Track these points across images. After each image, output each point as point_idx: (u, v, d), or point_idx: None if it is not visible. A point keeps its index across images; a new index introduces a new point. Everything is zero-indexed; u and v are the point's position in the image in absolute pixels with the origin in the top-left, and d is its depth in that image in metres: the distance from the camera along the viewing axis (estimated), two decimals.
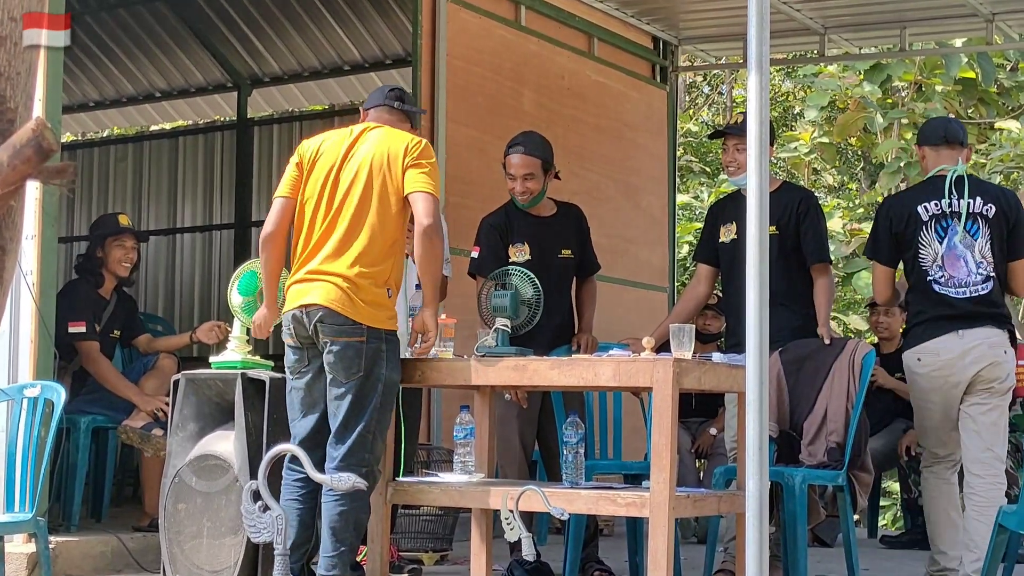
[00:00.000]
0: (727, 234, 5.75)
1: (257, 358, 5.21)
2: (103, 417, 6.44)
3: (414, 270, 5.55)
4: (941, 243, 5.31)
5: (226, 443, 4.90)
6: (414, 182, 4.44)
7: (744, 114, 5.62)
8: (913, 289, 5.42)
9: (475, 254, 5.82)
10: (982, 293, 5.30)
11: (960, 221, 5.29)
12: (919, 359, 5.36)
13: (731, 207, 5.76)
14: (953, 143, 5.45)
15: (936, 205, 5.33)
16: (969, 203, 5.29)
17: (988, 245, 5.29)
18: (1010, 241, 5.35)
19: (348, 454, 4.33)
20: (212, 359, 5.02)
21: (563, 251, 5.97)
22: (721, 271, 5.88)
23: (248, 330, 5.09)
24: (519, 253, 5.80)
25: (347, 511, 4.30)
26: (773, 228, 5.26)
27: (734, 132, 5.59)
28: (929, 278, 5.33)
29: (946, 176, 5.36)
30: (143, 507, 6.41)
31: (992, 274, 5.31)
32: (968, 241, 5.29)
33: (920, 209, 5.35)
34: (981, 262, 5.29)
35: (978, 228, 5.30)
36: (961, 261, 5.29)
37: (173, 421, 5.05)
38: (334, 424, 4.41)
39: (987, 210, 5.32)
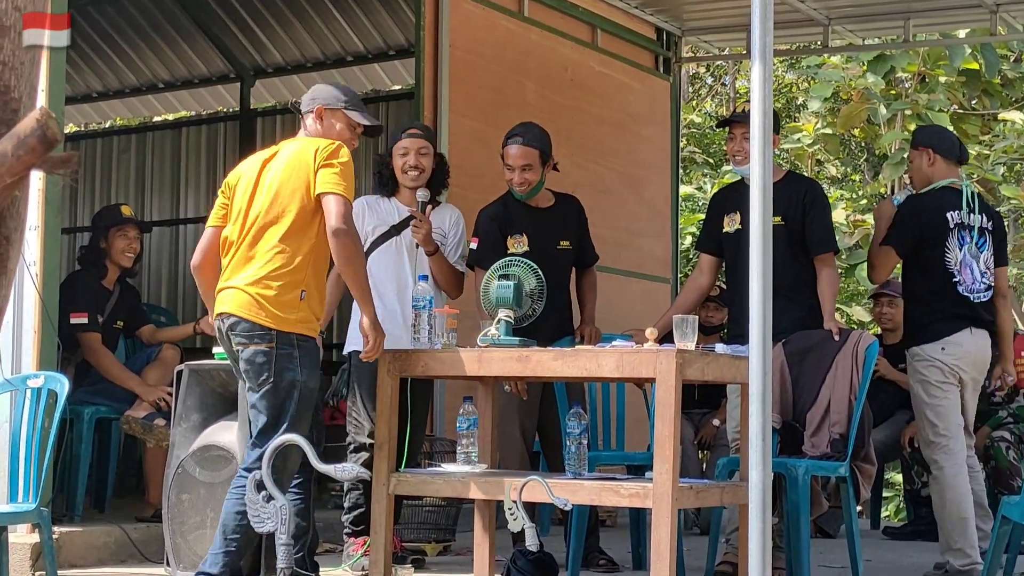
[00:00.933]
0: (731, 224, 5.75)
1: None
2: (106, 408, 6.45)
3: (424, 261, 5.57)
4: (959, 250, 5.74)
5: (229, 434, 4.91)
6: (323, 182, 4.36)
7: (749, 104, 5.62)
8: (933, 288, 5.75)
9: (474, 245, 5.82)
10: (984, 300, 5.77)
11: (971, 233, 5.75)
12: (943, 348, 5.72)
13: (735, 197, 5.75)
14: (962, 162, 6.02)
15: (958, 215, 5.75)
16: (980, 218, 5.78)
17: (991, 257, 5.80)
18: (998, 252, 5.88)
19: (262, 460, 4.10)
20: (215, 350, 5.03)
21: (561, 242, 5.98)
22: (725, 261, 5.88)
23: None
24: (517, 244, 5.80)
25: (245, 513, 4.11)
26: (778, 219, 5.25)
27: (741, 120, 5.60)
28: (954, 280, 5.70)
29: (961, 189, 5.82)
30: (146, 498, 6.42)
31: (992, 284, 5.80)
32: (975, 252, 5.77)
33: (948, 215, 5.75)
34: (985, 272, 5.78)
35: (985, 241, 5.79)
36: (968, 269, 5.73)
37: (176, 412, 5.06)
38: (252, 430, 4.35)
39: (989, 226, 5.82)
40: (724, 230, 5.78)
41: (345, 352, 5.70)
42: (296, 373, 4.26)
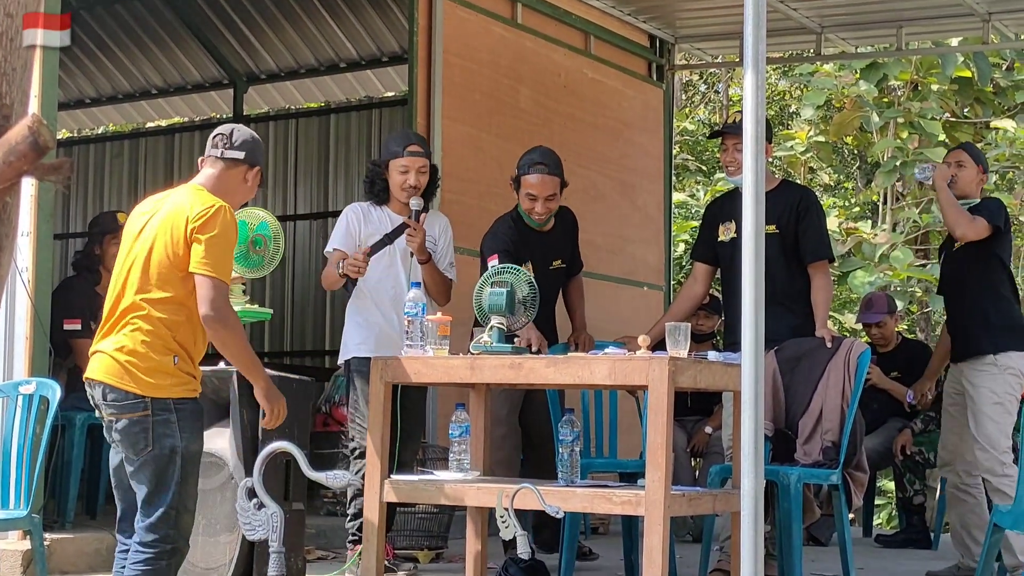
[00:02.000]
0: (726, 233, 5.75)
1: (256, 307, 5.20)
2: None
3: (416, 269, 5.57)
4: None
5: (221, 440, 4.90)
6: (193, 262, 4.02)
7: (741, 112, 5.63)
8: (1008, 294, 5.93)
9: (494, 263, 5.69)
10: None
11: None
12: None
13: (729, 206, 5.76)
14: None
15: None
16: None
17: None
18: None
19: (151, 529, 3.99)
20: None
21: (555, 263, 6.03)
22: (720, 270, 5.89)
23: (245, 281, 5.09)
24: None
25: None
26: (772, 227, 5.26)
27: (732, 131, 5.60)
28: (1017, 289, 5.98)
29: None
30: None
31: None
32: None
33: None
34: None
35: None
36: None
37: None
38: (138, 499, 4.06)
39: None
40: (719, 239, 5.79)
41: (341, 360, 5.69)
42: (176, 438, 3.96)
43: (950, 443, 6.02)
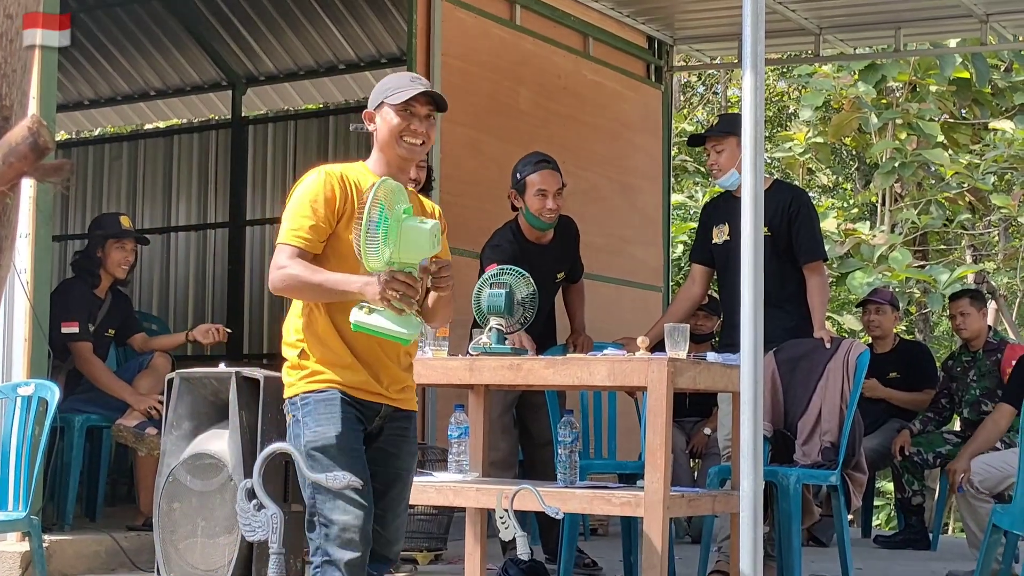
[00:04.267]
0: (719, 235, 5.77)
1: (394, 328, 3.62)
2: (97, 416, 6.44)
3: None
4: None
5: (220, 442, 4.90)
6: None
7: (721, 115, 5.68)
8: None
9: (492, 271, 5.70)
10: None
11: None
12: None
13: (723, 207, 5.78)
14: None
15: None
16: None
17: None
18: None
19: (307, 530, 3.73)
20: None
21: (558, 275, 6.05)
22: (717, 272, 5.90)
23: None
24: None
25: None
26: (765, 229, 5.26)
27: (709, 134, 5.66)
28: None
29: None
30: (137, 506, 6.40)
31: None
32: None
33: None
34: None
35: None
36: None
37: (167, 420, 5.05)
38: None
39: None
40: (713, 241, 5.80)
41: None
42: (301, 431, 3.59)
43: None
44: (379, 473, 3.59)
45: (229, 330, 6.69)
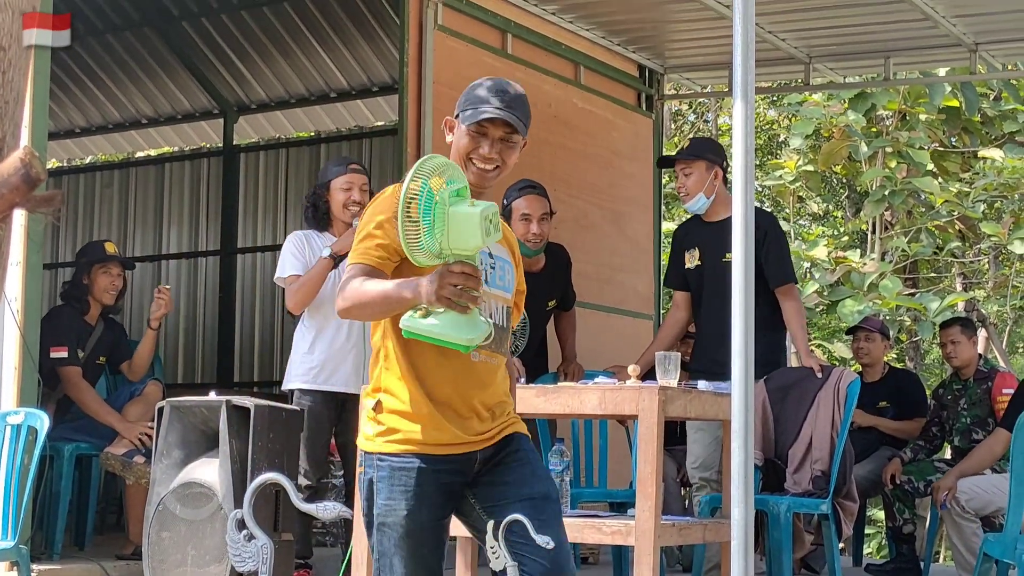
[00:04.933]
0: (691, 260, 5.81)
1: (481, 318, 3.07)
2: (87, 444, 6.42)
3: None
4: None
5: (211, 471, 4.89)
6: None
7: (692, 139, 5.67)
8: None
9: None
10: None
11: None
12: None
13: (693, 232, 5.84)
14: None
15: None
16: None
17: None
18: None
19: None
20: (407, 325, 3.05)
21: (549, 303, 6.05)
22: (691, 297, 5.92)
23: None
24: None
25: None
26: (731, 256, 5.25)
27: (678, 157, 5.70)
28: None
29: None
30: (127, 535, 6.37)
31: None
32: None
33: None
34: None
35: None
36: None
37: (157, 448, 5.04)
38: None
39: None
40: (686, 266, 5.83)
41: (286, 388, 5.70)
42: (374, 501, 3.18)
43: None
44: (509, 504, 3.14)
45: (168, 286, 6.63)
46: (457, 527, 4.59)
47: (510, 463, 3.20)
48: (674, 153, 5.85)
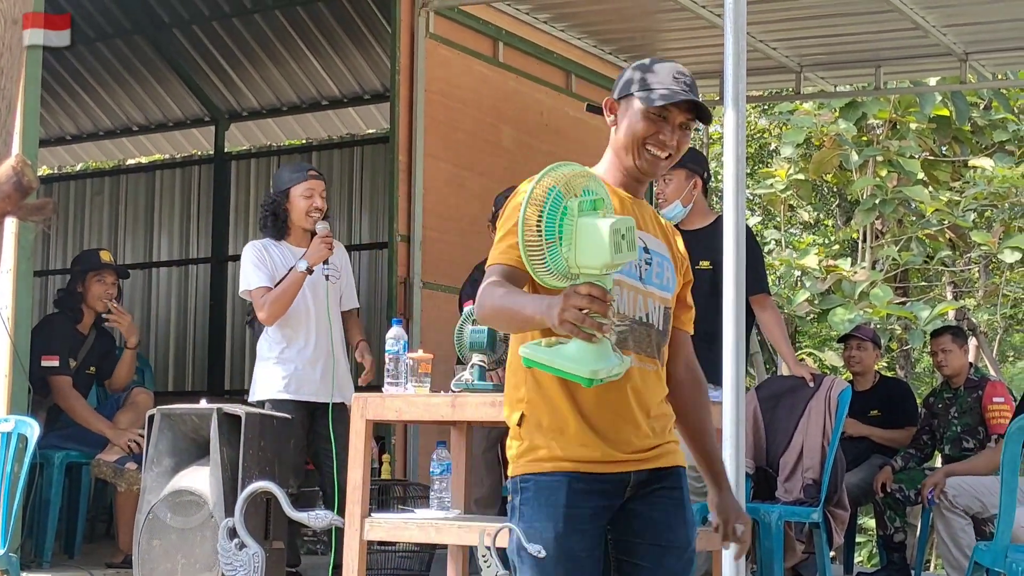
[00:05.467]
0: None
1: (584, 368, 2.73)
2: (77, 452, 6.40)
3: (334, 298, 5.63)
4: None
5: (201, 479, 4.88)
6: None
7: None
8: None
9: (469, 308, 5.71)
10: None
11: None
12: None
13: None
14: None
15: None
16: None
17: None
18: None
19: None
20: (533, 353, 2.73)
21: None
22: None
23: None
24: None
25: None
26: (707, 263, 5.25)
27: None
28: None
29: None
30: (117, 543, 6.36)
31: None
32: None
33: None
34: None
35: None
36: None
37: (148, 456, 5.03)
38: None
39: None
40: None
41: (255, 399, 5.69)
42: (519, 524, 2.85)
43: None
44: (639, 547, 2.87)
45: (116, 304, 6.61)
46: (448, 536, 4.59)
47: (663, 502, 2.89)
48: None
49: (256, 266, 5.61)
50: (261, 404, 5.59)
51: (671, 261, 3.00)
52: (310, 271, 5.54)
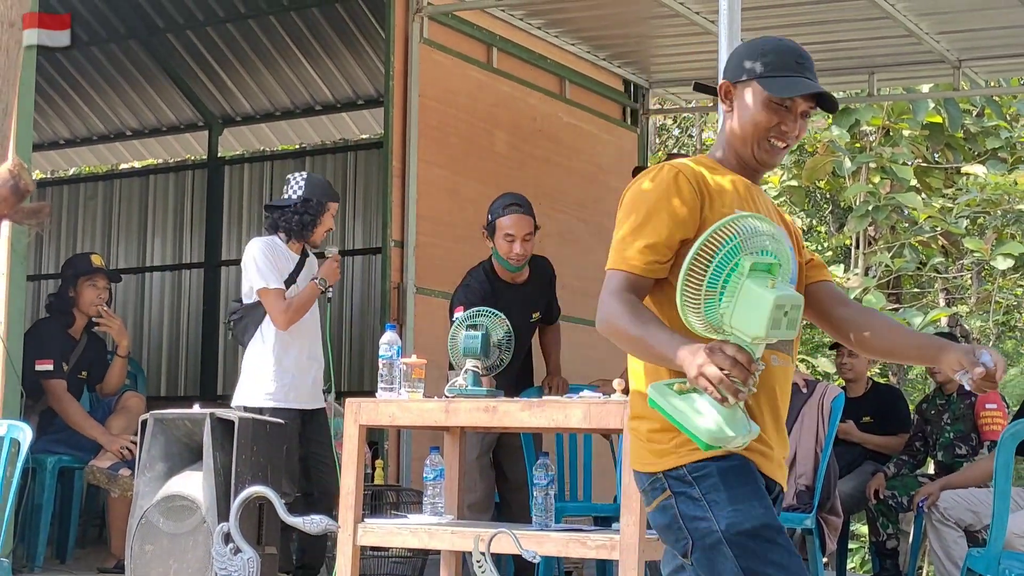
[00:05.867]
0: None
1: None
2: (69, 457, 6.39)
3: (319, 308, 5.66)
4: None
5: (194, 484, 4.87)
6: None
7: (669, 156, 5.72)
8: None
9: (459, 315, 5.70)
10: None
11: None
12: None
13: None
14: None
15: None
16: None
17: None
18: None
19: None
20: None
21: (533, 315, 6.07)
22: None
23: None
24: None
25: None
26: None
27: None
28: None
29: None
30: (109, 548, 6.35)
31: None
32: None
33: None
34: None
35: None
36: None
37: (141, 461, 5.02)
38: None
39: None
40: None
41: (241, 404, 5.69)
42: (710, 518, 2.64)
43: None
44: None
45: (108, 309, 6.62)
46: (441, 542, 4.58)
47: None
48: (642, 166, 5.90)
49: (270, 266, 5.62)
50: (259, 411, 5.59)
51: (790, 241, 2.82)
52: (324, 291, 5.67)
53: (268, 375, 5.61)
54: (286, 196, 5.79)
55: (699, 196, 2.67)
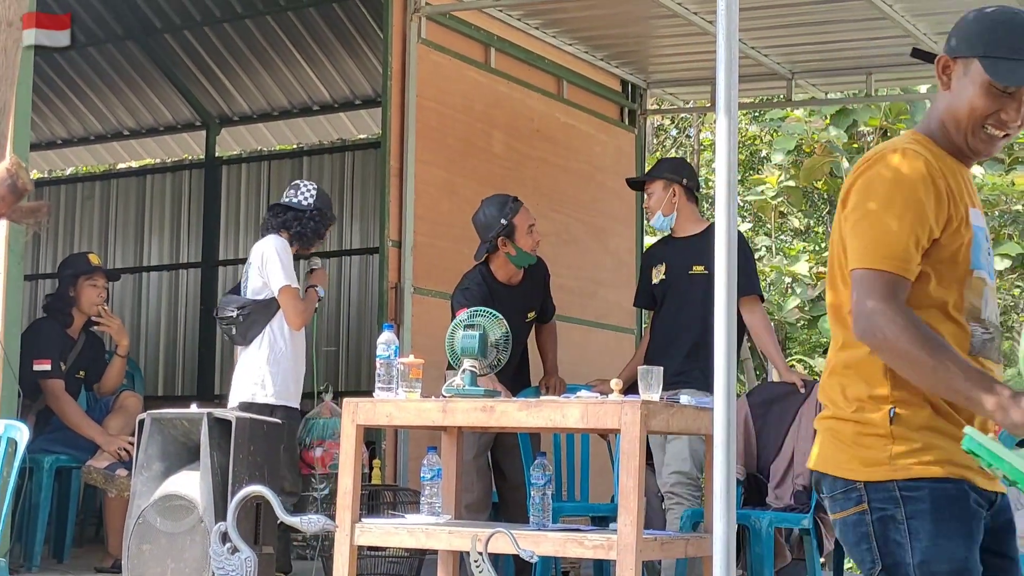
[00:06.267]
0: (657, 275, 5.92)
1: None
2: (66, 457, 6.39)
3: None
4: None
5: (191, 483, 4.87)
6: (848, 248, 2.61)
7: (660, 160, 5.82)
8: None
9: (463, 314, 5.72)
10: None
11: None
12: None
13: (661, 249, 5.98)
14: None
15: None
16: None
17: None
18: None
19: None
20: None
21: (528, 315, 6.10)
22: (653, 310, 6.02)
23: None
24: None
25: None
26: (701, 268, 5.45)
27: (642, 179, 5.81)
28: None
29: None
30: (106, 548, 6.35)
31: None
32: None
33: None
34: None
35: None
36: None
37: (138, 461, 5.02)
38: None
39: None
40: (652, 281, 5.92)
41: (239, 401, 5.71)
42: (906, 549, 2.44)
43: None
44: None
45: (107, 307, 6.66)
46: (439, 542, 4.59)
47: (1006, 535, 2.57)
48: (642, 176, 6.00)
49: (287, 264, 5.74)
50: (262, 407, 5.61)
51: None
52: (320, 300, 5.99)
53: (272, 372, 5.64)
54: (296, 200, 5.84)
55: (947, 192, 2.48)
